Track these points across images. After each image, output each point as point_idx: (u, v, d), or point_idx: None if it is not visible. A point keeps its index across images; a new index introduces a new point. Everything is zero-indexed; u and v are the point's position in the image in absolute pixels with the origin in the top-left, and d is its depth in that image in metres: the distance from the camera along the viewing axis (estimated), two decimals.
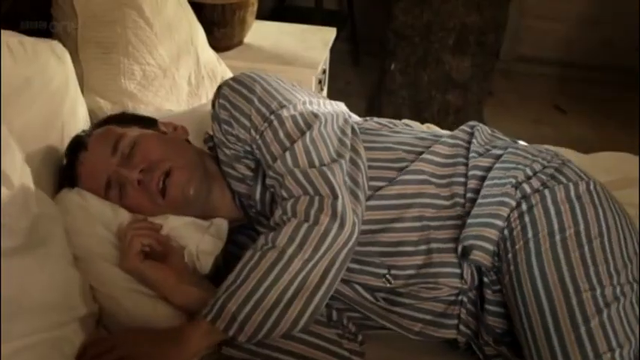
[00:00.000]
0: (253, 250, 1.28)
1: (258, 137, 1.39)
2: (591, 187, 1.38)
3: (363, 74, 3.85)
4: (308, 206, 1.28)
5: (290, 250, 1.25)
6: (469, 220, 1.39)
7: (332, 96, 3.36)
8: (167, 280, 1.37)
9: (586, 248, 1.30)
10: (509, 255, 1.34)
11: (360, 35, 4.02)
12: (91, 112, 1.74)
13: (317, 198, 1.28)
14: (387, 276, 1.41)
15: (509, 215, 1.37)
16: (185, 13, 2.08)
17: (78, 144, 1.48)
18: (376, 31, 3.53)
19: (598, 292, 1.26)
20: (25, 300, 1.19)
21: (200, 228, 1.47)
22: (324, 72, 2.55)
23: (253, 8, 2.43)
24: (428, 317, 1.42)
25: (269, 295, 1.23)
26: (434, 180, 1.45)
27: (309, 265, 1.25)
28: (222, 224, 1.49)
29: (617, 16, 3.84)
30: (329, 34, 2.68)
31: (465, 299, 1.42)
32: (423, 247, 1.41)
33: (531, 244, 1.32)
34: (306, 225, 1.26)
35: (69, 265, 1.34)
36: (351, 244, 1.29)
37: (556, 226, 1.32)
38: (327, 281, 1.26)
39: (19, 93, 1.42)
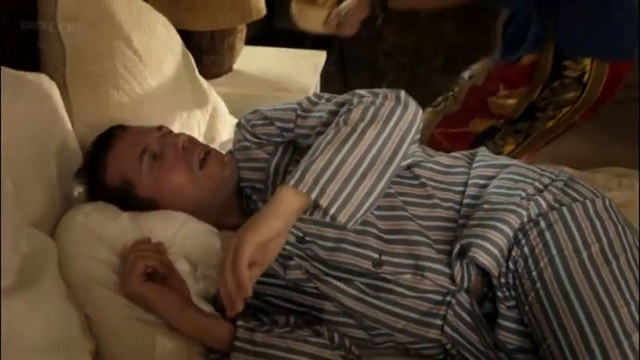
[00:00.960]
0: (326, 130, 1.37)
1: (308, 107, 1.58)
2: (607, 203, 1.40)
3: None
4: (373, 97, 1.41)
5: (362, 125, 1.34)
6: (470, 222, 1.39)
7: None
8: (171, 305, 1.36)
9: (614, 264, 1.30)
10: (534, 273, 1.33)
11: (348, 56, 4.01)
12: (82, 146, 1.71)
13: (380, 94, 1.43)
14: (378, 259, 1.42)
15: (524, 229, 1.37)
16: (173, 42, 2.06)
17: (115, 128, 1.62)
18: (364, 52, 3.53)
19: (633, 307, 1.26)
20: (19, 342, 1.17)
21: (214, 238, 1.53)
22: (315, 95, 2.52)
23: (242, 34, 2.42)
24: (412, 315, 1.42)
25: (346, 164, 1.29)
26: (430, 183, 1.49)
27: (382, 138, 1.33)
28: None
29: None
30: (319, 57, 2.68)
31: (454, 301, 1.40)
32: (416, 237, 1.43)
33: (557, 261, 1.32)
34: (373, 107, 1.37)
35: (64, 301, 1.32)
36: (416, 125, 1.39)
37: (580, 243, 1.33)
38: (398, 158, 1.33)
39: (6, 127, 1.39)
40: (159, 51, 1.94)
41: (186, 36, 2.22)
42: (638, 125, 3.41)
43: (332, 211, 1.26)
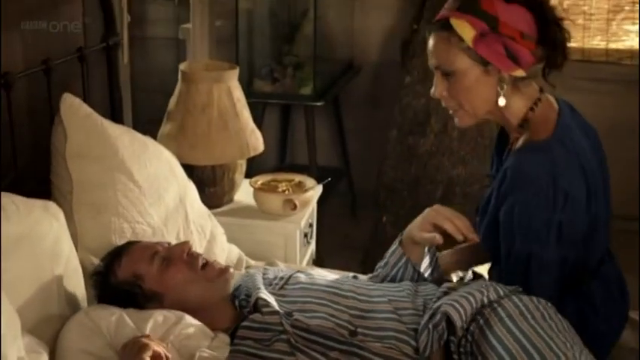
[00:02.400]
0: None
1: None
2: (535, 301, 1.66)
3: (360, 227, 4.01)
4: None
5: None
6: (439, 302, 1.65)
7: (329, 249, 3.56)
8: None
9: (554, 323, 1.59)
10: (487, 332, 1.58)
11: (356, 189, 4.22)
12: (84, 268, 1.91)
13: None
14: (353, 330, 1.65)
15: (481, 312, 1.62)
16: (175, 174, 2.28)
17: (128, 242, 1.92)
18: (371, 185, 3.73)
19: (576, 350, 1.55)
20: None
21: (207, 336, 1.69)
22: (310, 226, 2.71)
23: (242, 169, 2.63)
24: None
25: None
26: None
27: None
28: (224, 340, 1.69)
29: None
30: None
31: None
32: (388, 314, 1.69)
33: (507, 321, 1.58)
34: None
35: None
36: None
37: (525, 309, 1.61)
38: None
39: (11, 249, 1.59)
40: (159, 182, 2.16)
41: (190, 169, 2.45)
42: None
43: None
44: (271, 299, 1.75)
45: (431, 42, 1.82)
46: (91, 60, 2.35)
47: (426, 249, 1.91)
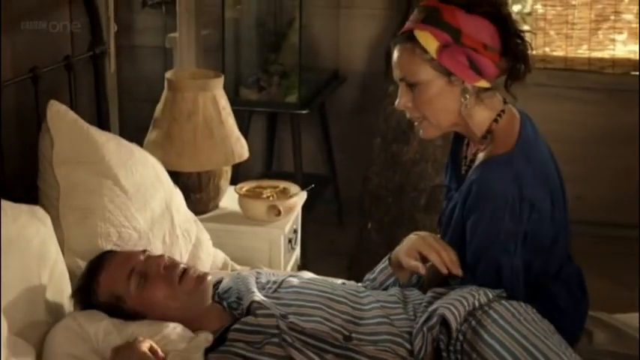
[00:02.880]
0: None
1: None
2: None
3: (346, 234, 4.04)
4: None
5: None
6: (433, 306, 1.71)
7: (315, 256, 3.59)
8: None
9: (545, 324, 1.68)
10: (481, 331, 1.64)
11: (342, 197, 4.26)
12: (71, 272, 1.94)
13: None
14: (348, 335, 1.71)
15: (472, 313, 1.67)
16: (161, 180, 2.31)
17: (106, 252, 1.91)
18: (357, 192, 3.77)
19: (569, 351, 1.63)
20: None
21: (185, 338, 1.73)
22: (294, 231, 2.75)
23: (227, 175, 2.67)
24: None
25: None
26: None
27: None
28: (205, 338, 1.72)
29: (589, 174, 4.10)
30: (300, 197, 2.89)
31: None
32: (381, 319, 1.75)
33: (500, 322, 1.64)
34: None
35: None
36: None
37: (516, 312, 1.68)
38: None
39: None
40: (145, 188, 2.20)
41: (176, 176, 2.48)
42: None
43: None
44: (267, 302, 1.79)
45: (395, 54, 1.86)
46: (78, 68, 2.39)
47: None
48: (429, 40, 1.79)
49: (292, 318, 1.74)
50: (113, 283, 1.80)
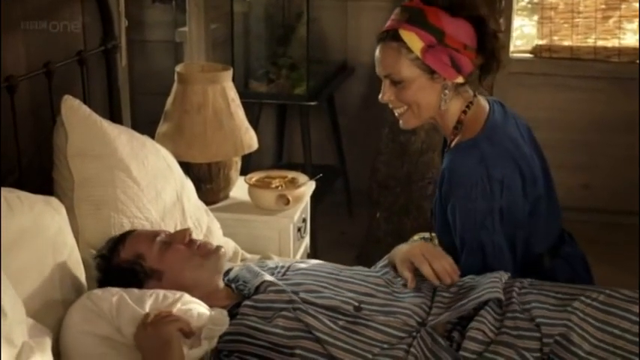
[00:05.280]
0: None
1: None
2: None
3: (356, 224, 4.10)
4: None
5: None
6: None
7: (325, 246, 3.65)
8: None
9: None
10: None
11: (352, 187, 4.31)
12: (85, 262, 2.00)
13: None
14: (358, 306, 1.79)
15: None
16: (172, 172, 2.37)
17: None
18: (366, 182, 3.82)
19: None
20: None
21: (206, 309, 1.81)
22: (303, 220, 2.80)
23: (237, 166, 2.73)
24: (383, 345, 1.73)
25: None
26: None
27: None
28: (222, 312, 1.81)
29: (596, 162, 4.13)
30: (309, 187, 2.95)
31: (419, 335, 1.73)
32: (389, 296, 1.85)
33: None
34: None
35: None
36: None
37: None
38: None
39: (16, 241, 1.69)
40: (157, 179, 2.26)
41: (187, 167, 2.54)
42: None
43: None
44: (277, 281, 1.90)
45: (380, 51, 1.99)
46: (90, 63, 2.45)
47: None
48: (414, 41, 1.91)
49: (303, 295, 1.83)
50: (138, 243, 1.95)
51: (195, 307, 1.79)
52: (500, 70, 2.02)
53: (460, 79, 1.96)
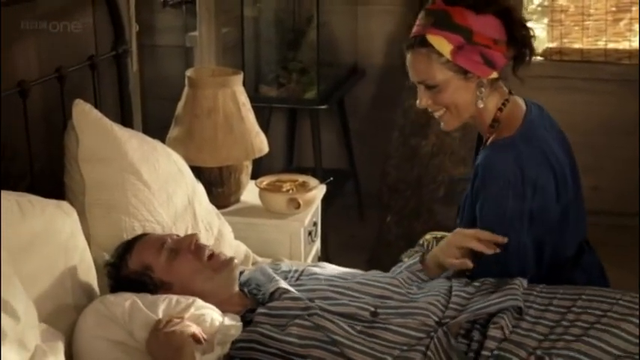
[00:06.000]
0: None
1: None
2: None
3: (367, 227, 4.09)
4: None
5: None
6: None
7: (336, 249, 3.65)
8: None
9: None
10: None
11: (362, 191, 4.31)
12: (97, 265, 2.01)
13: None
14: (374, 311, 1.79)
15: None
16: (183, 176, 2.38)
17: (140, 235, 2.02)
18: (377, 186, 3.82)
19: None
20: None
21: (218, 313, 1.80)
22: (314, 224, 2.81)
23: (248, 170, 2.73)
24: (402, 347, 1.73)
25: None
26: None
27: None
28: (235, 317, 1.80)
29: (605, 165, 4.12)
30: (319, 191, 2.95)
31: (435, 335, 1.73)
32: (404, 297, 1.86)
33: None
34: None
35: None
36: None
37: None
38: None
39: (28, 245, 1.70)
40: (168, 183, 2.27)
41: (198, 171, 2.55)
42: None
43: None
44: (291, 289, 1.89)
45: (410, 58, 1.96)
46: (101, 68, 2.46)
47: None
48: (443, 44, 1.89)
49: (318, 302, 1.83)
50: (144, 253, 1.92)
51: (209, 313, 1.78)
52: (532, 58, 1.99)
53: (494, 75, 1.94)
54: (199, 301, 1.82)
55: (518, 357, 1.66)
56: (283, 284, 1.91)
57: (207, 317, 1.76)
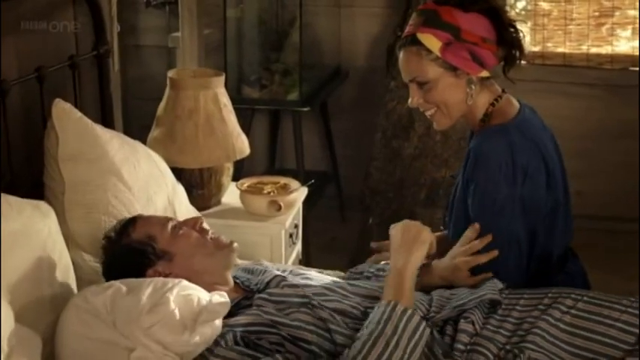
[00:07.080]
0: None
1: None
2: None
3: (349, 230, 4.08)
4: None
5: None
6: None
7: (317, 251, 3.64)
8: None
9: None
10: None
11: (344, 193, 4.31)
12: (75, 265, 2.00)
13: None
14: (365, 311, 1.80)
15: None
16: (164, 177, 2.37)
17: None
18: (359, 188, 3.82)
19: None
20: None
21: (205, 293, 1.78)
22: (295, 226, 2.80)
23: (229, 172, 2.73)
24: None
25: None
26: None
27: None
28: (223, 294, 1.79)
29: (588, 168, 4.14)
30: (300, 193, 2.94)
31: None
32: None
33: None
34: None
35: None
36: None
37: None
38: None
39: (6, 245, 1.68)
40: (148, 184, 2.26)
41: (179, 172, 2.54)
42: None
43: None
44: (288, 276, 1.92)
45: (402, 57, 2.00)
46: (82, 67, 2.45)
47: None
48: (432, 41, 1.93)
49: (313, 296, 1.83)
50: (150, 225, 1.93)
51: (194, 293, 1.75)
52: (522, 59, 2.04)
53: (485, 73, 1.97)
54: (185, 282, 1.78)
55: (490, 351, 1.70)
56: (279, 273, 1.94)
57: (193, 297, 1.73)
